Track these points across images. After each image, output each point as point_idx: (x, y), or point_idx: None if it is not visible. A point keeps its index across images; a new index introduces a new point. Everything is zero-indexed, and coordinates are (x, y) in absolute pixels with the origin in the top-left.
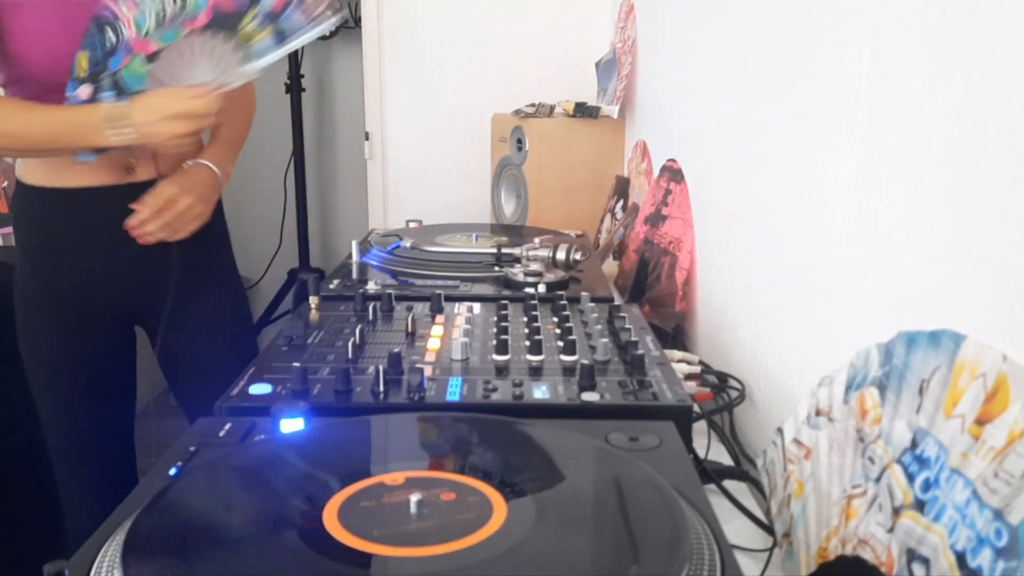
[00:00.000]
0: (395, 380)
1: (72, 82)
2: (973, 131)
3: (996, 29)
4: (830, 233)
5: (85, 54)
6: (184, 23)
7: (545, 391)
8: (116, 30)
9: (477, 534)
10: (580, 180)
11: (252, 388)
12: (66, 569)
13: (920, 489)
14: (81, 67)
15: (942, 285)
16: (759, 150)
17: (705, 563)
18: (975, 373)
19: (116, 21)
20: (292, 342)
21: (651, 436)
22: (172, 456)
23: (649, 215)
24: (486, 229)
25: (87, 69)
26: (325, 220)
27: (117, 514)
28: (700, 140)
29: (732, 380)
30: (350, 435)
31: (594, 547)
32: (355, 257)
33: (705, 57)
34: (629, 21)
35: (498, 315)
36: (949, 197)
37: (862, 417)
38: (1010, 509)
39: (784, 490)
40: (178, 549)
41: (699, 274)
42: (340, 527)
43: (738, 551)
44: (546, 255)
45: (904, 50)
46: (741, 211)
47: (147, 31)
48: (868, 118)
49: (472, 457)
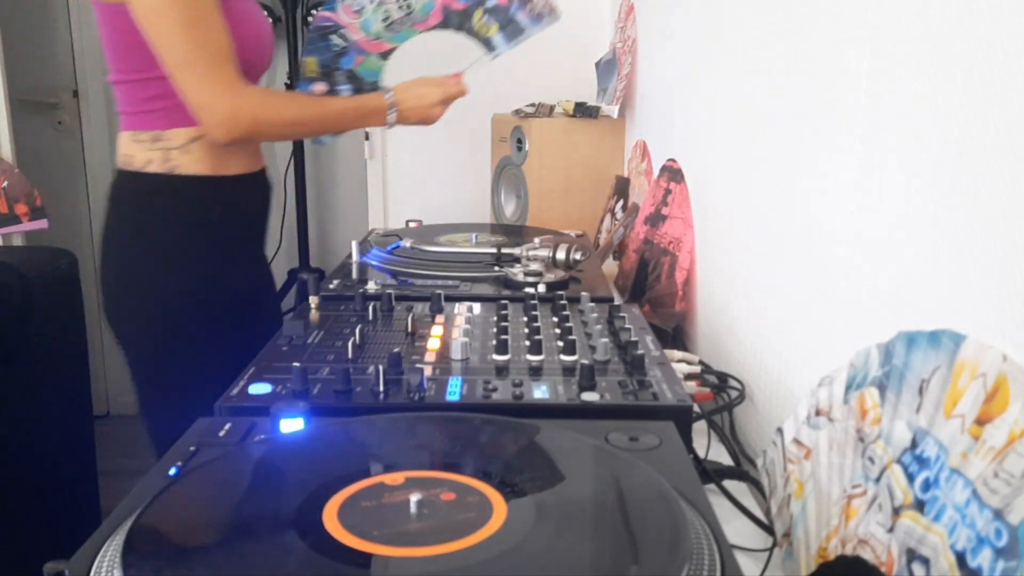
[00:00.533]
0: (395, 380)
1: (303, 82)
2: (973, 131)
3: (996, 29)
4: (830, 233)
5: (312, 59)
6: (414, 24)
7: (545, 391)
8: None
9: (477, 534)
10: (580, 180)
11: (252, 388)
12: (66, 569)
13: (920, 489)
14: (310, 69)
15: (942, 285)
16: (759, 150)
17: (705, 563)
18: (975, 373)
19: (340, 29)
20: (292, 342)
21: (651, 436)
22: (172, 456)
23: (649, 215)
24: (486, 229)
25: (317, 71)
26: (325, 220)
27: (117, 514)
28: (700, 140)
29: (732, 380)
30: (350, 435)
31: (594, 547)
32: (355, 257)
33: (705, 57)
34: (629, 21)
35: (498, 315)
36: (949, 197)
37: (862, 417)
38: (1010, 509)
39: (784, 490)
40: (178, 549)
41: (699, 274)
42: (340, 527)
43: (738, 551)
44: (546, 255)
45: (904, 50)
46: (741, 211)
47: (377, 33)
48: (868, 118)
49: (472, 457)
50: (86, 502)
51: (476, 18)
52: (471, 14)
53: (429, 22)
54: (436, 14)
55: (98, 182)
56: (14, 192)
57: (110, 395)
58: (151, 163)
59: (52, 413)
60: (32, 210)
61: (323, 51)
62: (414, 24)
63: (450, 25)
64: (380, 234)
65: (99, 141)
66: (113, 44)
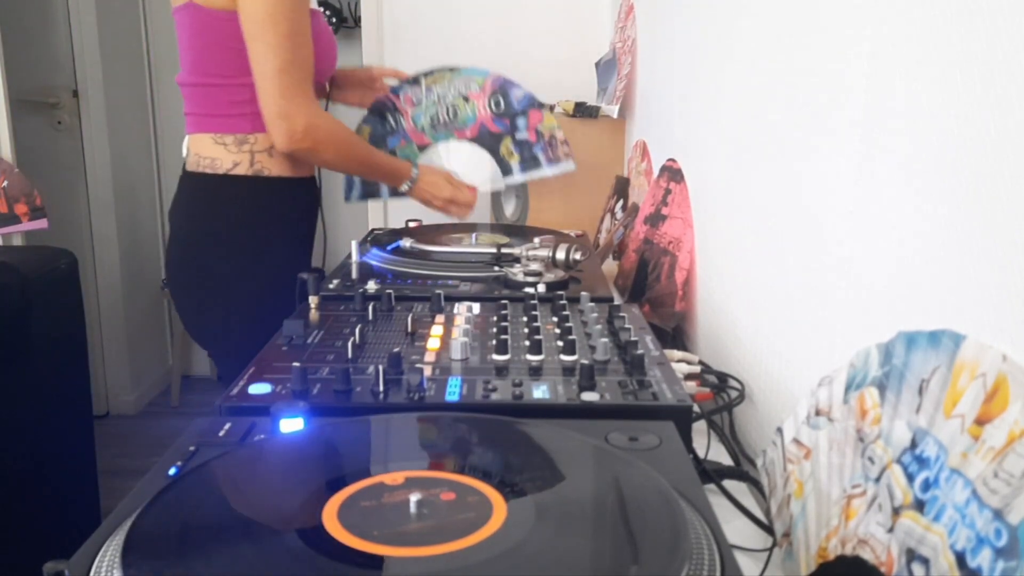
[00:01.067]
0: (395, 380)
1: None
2: (973, 131)
3: (996, 29)
4: (830, 233)
5: (368, 127)
6: (454, 130)
7: (545, 391)
8: (395, 119)
9: (477, 534)
10: (580, 180)
11: (252, 388)
12: (66, 569)
13: (920, 489)
14: (364, 135)
15: (942, 285)
16: (759, 150)
17: (705, 563)
18: (975, 373)
19: (395, 112)
20: (292, 342)
21: (651, 436)
22: (172, 456)
23: (649, 215)
24: (486, 229)
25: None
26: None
27: (117, 514)
28: (700, 140)
29: (732, 380)
30: (350, 435)
31: (594, 547)
32: (355, 257)
33: (705, 57)
34: (629, 21)
35: (498, 315)
36: (949, 197)
37: (862, 417)
38: (1010, 509)
39: (784, 490)
40: (178, 549)
41: (699, 274)
42: (340, 527)
43: (738, 551)
44: (546, 255)
45: (904, 50)
46: (741, 211)
47: (422, 127)
48: (868, 118)
49: (472, 457)
50: (86, 502)
51: (504, 144)
52: (501, 139)
53: (466, 133)
54: (473, 129)
55: (98, 182)
56: (14, 192)
57: (110, 395)
58: (239, 165)
59: (52, 413)
60: (32, 210)
61: (377, 125)
62: (454, 130)
63: (482, 142)
64: (380, 234)
65: (99, 141)
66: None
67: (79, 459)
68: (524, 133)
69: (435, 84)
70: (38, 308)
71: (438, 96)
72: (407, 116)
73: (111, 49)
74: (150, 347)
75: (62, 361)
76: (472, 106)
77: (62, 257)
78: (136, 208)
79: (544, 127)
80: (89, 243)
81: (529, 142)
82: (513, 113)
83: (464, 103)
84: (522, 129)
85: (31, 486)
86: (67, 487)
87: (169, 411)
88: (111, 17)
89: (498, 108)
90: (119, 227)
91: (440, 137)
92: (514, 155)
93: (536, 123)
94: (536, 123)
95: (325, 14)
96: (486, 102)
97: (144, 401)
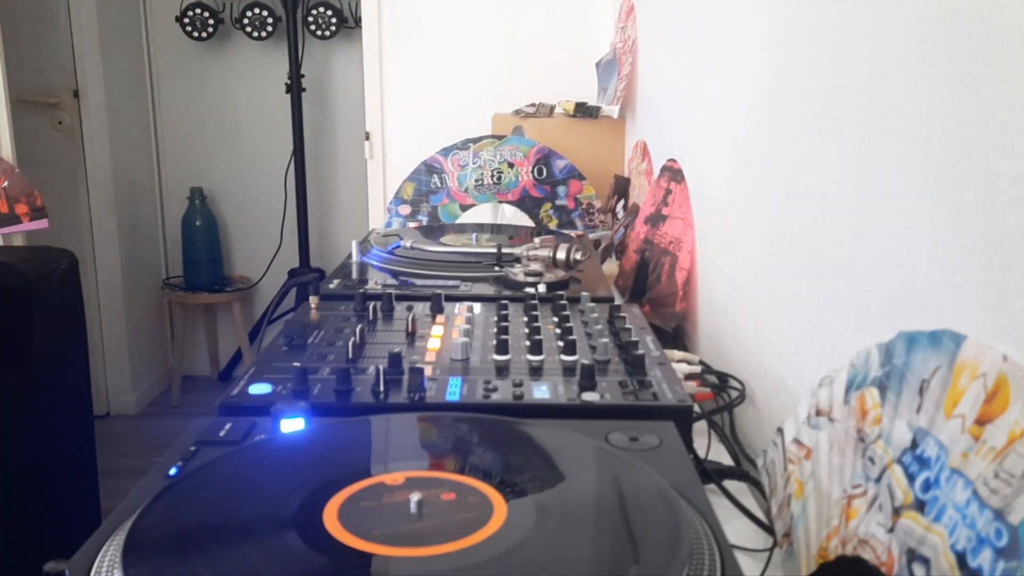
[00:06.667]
0: (395, 380)
1: (395, 199)
2: (973, 131)
3: (996, 29)
4: (830, 233)
5: (412, 184)
6: (497, 193)
7: (545, 391)
8: (441, 179)
9: (477, 534)
10: None
11: (252, 388)
12: (66, 569)
13: (920, 489)
14: (407, 192)
15: (942, 285)
16: (759, 150)
17: (705, 563)
18: (975, 373)
19: (442, 172)
20: (292, 342)
21: (651, 436)
22: (172, 456)
23: (649, 215)
24: (486, 229)
25: (411, 195)
26: (325, 220)
27: (117, 514)
28: (700, 140)
29: (732, 380)
30: (350, 435)
31: (594, 547)
32: (355, 257)
33: (705, 57)
34: (629, 21)
35: (498, 315)
36: (949, 197)
37: (862, 417)
38: (1010, 509)
39: (784, 490)
40: (178, 549)
41: (699, 274)
42: (340, 527)
43: (738, 551)
44: (546, 255)
45: (904, 50)
46: (741, 211)
47: (467, 188)
48: (868, 118)
49: (472, 457)
50: (86, 502)
51: (544, 208)
52: (542, 204)
53: (508, 196)
54: (516, 192)
55: (98, 182)
56: (14, 192)
57: (110, 395)
58: None
59: (52, 413)
60: (32, 210)
61: (422, 183)
62: (497, 193)
63: (523, 206)
64: (380, 234)
65: (99, 141)
66: None
67: (79, 459)
68: (563, 200)
69: (482, 150)
70: (39, 308)
71: (484, 161)
72: (453, 177)
73: (111, 49)
74: (150, 347)
75: (62, 361)
76: (516, 171)
77: (63, 257)
78: (136, 208)
79: (583, 196)
80: (89, 243)
81: (568, 208)
82: (554, 181)
83: (508, 168)
84: (562, 196)
85: (31, 486)
86: (67, 487)
87: (169, 411)
88: (111, 17)
89: (540, 175)
90: (119, 227)
91: (483, 199)
92: (552, 220)
93: (576, 192)
94: (576, 192)
95: (325, 14)
96: (529, 169)
97: (144, 401)
